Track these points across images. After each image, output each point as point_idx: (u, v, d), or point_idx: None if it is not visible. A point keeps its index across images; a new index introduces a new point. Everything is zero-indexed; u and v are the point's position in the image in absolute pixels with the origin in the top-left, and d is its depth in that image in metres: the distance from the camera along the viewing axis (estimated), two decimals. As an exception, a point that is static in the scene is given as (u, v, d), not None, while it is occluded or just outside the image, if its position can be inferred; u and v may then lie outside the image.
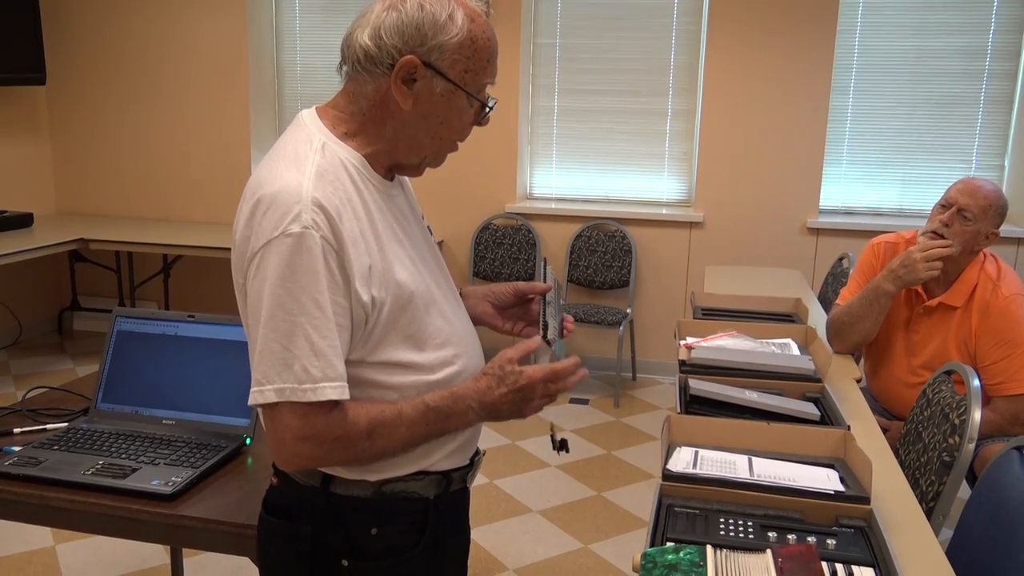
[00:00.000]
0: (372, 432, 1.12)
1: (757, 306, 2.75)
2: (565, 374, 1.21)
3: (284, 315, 1.07)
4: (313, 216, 1.07)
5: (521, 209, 4.75)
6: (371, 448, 1.14)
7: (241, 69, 4.89)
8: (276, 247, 1.07)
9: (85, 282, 5.33)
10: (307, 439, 1.09)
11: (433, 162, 1.24)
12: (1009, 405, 2.31)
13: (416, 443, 1.18)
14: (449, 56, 1.13)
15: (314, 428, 1.09)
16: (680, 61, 4.57)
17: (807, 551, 1.23)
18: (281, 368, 1.07)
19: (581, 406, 4.31)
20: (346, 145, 1.18)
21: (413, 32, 1.12)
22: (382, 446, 1.14)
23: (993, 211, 2.35)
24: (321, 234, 1.07)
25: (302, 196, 1.08)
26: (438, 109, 1.16)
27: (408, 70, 1.13)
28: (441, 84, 1.15)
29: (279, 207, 1.08)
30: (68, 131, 5.20)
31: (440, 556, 1.29)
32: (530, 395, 1.20)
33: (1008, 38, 4.22)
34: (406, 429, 1.15)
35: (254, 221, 1.10)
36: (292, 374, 1.07)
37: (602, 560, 2.88)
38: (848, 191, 4.53)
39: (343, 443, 1.11)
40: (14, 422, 1.86)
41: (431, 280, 1.25)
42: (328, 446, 1.11)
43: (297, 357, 1.07)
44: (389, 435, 1.14)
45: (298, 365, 1.07)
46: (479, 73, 1.17)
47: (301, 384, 1.07)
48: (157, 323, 1.87)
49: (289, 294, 1.07)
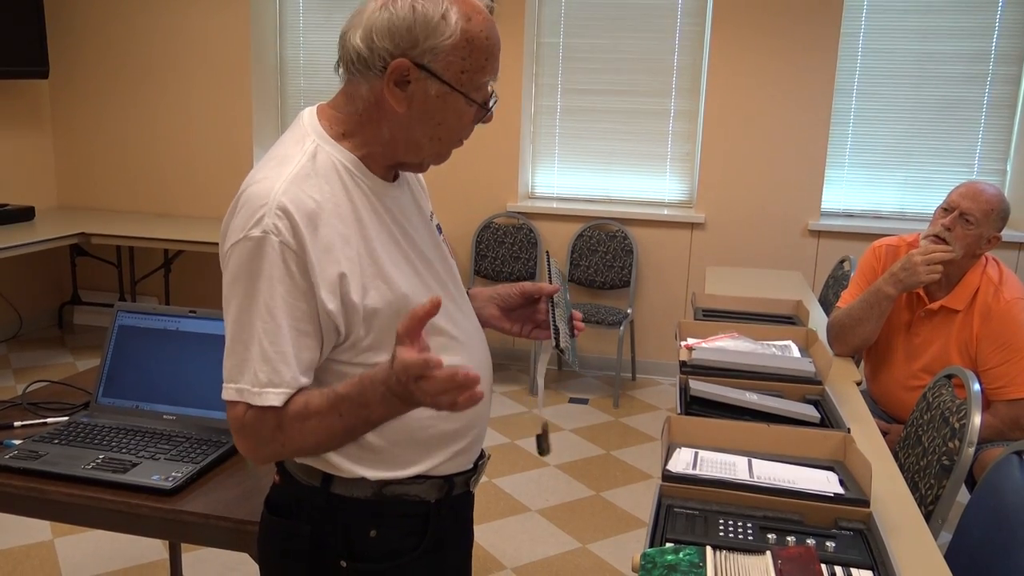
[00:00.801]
0: (281, 426, 1.10)
1: (758, 308, 2.75)
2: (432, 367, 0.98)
3: (243, 317, 1.10)
4: (275, 221, 1.07)
5: (523, 208, 4.75)
6: (288, 442, 1.10)
7: (244, 64, 4.89)
8: (238, 250, 1.09)
9: (86, 276, 5.33)
10: (237, 432, 1.13)
11: (436, 159, 1.21)
12: (1009, 409, 2.31)
13: (341, 433, 1.10)
14: (443, 58, 1.10)
15: (241, 423, 1.11)
16: (683, 62, 4.57)
17: (806, 553, 1.23)
18: (242, 368, 1.10)
19: (580, 406, 4.31)
20: (340, 146, 1.16)
21: (404, 34, 1.09)
22: (297, 440, 1.10)
23: (995, 215, 2.35)
24: (281, 239, 1.07)
25: (269, 200, 1.08)
26: (434, 111, 1.13)
27: (400, 73, 1.10)
28: (436, 86, 1.11)
29: (247, 209, 1.10)
30: (70, 125, 5.20)
31: (440, 560, 1.28)
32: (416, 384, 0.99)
33: (1012, 42, 4.22)
34: (317, 420, 1.08)
35: (229, 219, 1.12)
36: (251, 376, 1.10)
37: (600, 560, 2.88)
38: (850, 194, 4.53)
39: (259, 437, 1.11)
40: (15, 415, 1.86)
41: (435, 282, 1.23)
42: (250, 440, 1.12)
43: (249, 360, 1.10)
44: (299, 427, 1.09)
45: (250, 369, 1.10)
46: (477, 73, 1.13)
47: (252, 387, 1.10)
48: (158, 318, 1.88)
49: (247, 297, 1.09)
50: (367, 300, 1.13)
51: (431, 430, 1.21)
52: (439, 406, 1.00)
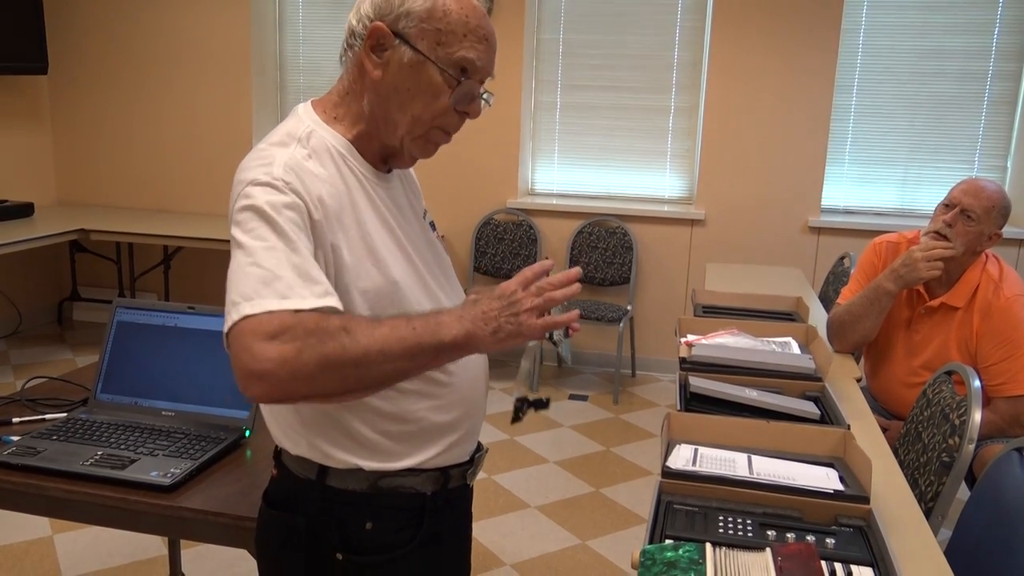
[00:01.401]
0: (347, 327, 1.00)
1: (758, 304, 2.75)
2: (537, 271, 1.11)
3: (260, 242, 1.04)
4: (283, 175, 1.09)
5: (522, 205, 4.74)
6: (353, 345, 0.99)
7: (244, 61, 4.88)
8: (247, 190, 1.08)
9: (85, 272, 5.32)
10: (276, 336, 0.98)
11: (415, 146, 1.19)
12: (1009, 406, 2.31)
13: (406, 351, 1.03)
14: (418, 24, 1.12)
15: (285, 324, 0.99)
16: (683, 58, 4.56)
17: (806, 550, 1.23)
18: (260, 286, 1.01)
19: (580, 402, 4.31)
20: (333, 130, 1.18)
21: (383, 1, 1.14)
22: (365, 343, 1.00)
23: (996, 212, 2.35)
24: (291, 187, 1.08)
25: (274, 161, 1.10)
26: (407, 80, 1.14)
27: (376, 37, 1.13)
28: (409, 54, 1.13)
29: (250, 170, 1.10)
30: (69, 121, 5.19)
31: (437, 553, 1.28)
32: (513, 299, 1.08)
33: (1012, 39, 4.21)
34: (389, 328, 1.02)
35: (232, 194, 1.12)
36: (274, 292, 1.01)
37: (600, 556, 2.88)
38: (850, 190, 4.53)
39: (318, 335, 0.99)
40: (13, 411, 1.85)
41: (428, 275, 1.24)
42: (303, 340, 0.98)
43: (279, 277, 1.02)
44: (368, 332, 1.01)
45: (280, 284, 1.01)
46: (452, 47, 1.13)
47: (286, 298, 1.00)
48: (157, 314, 1.87)
49: (265, 224, 1.05)
50: (359, 282, 1.13)
51: (424, 422, 1.21)
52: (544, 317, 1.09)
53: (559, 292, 1.09)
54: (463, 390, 1.26)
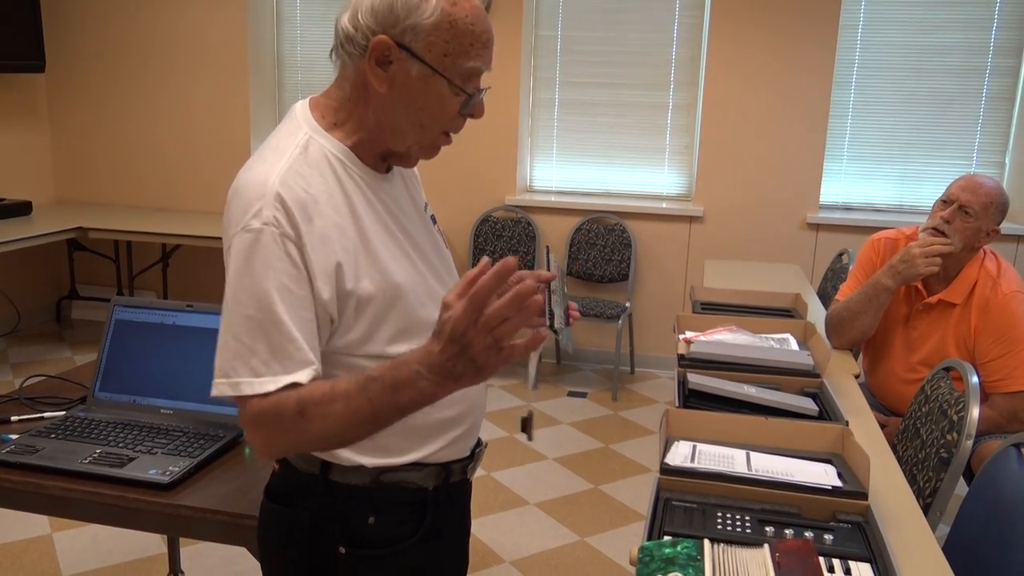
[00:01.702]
0: (303, 411, 1.05)
1: (756, 301, 2.75)
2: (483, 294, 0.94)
3: (240, 309, 1.08)
4: (274, 213, 1.07)
5: (521, 202, 4.74)
6: (309, 428, 1.05)
7: (241, 58, 4.87)
8: (236, 242, 1.08)
9: (83, 271, 5.32)
10: (252, 424, 1.08)
11: (423, 152, 1.20)
12: (1007, 402, 2.31)
13: (367, 420, 1.05)
14: (424, 38, 1.10)
15: (255, 411, 1.07)
16: (681, 55, 4.56)
17: (804, 546, 1.23)
18: (236, 362, 1.08)
19: (579, 399, 4.32)
20: (332, 137, 1.17)
21: (386, 12, 1.10)
22: (319, 426, 1.05)
23: (994, 208, 2.35)
24: (281, 231, 1.07)
25: (265, 192, 1.08)
26: (416, 94, 1.13)
27: (381, 51, 1.11)
28: (417, 67, 1.11)
29: (243, 200, 1.09)
30: (67, 119, 5.19)
31: (437, 547, 1.28)
32: (465, 341, 0.96)
33: (1010, 34, 4.21)
34: (342, 404, 1.04)
35: (226, 212, 1.12)
36: (248, 368, 1.07)
37: (599, 553, 2.89)
38: (848, 187, 4.53)
39: (279, 425, 1.06)
40: (12, 410, 1.85)
41: (429, 273, 1.24)
42: (267, 430, 1.07)
43: (254, 352, 1.07)
44: (324, 413, 1.04)
45: (256, 360, 1.07)
46: (460, 57, 1.12)
47: (258, 377, 1.07)
48: (156, 312, 1.87)
49: (245, 289, 1.08)
50: (360, 289, 1.13)
51: (428, 417, 1.22)
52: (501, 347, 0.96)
53: (508, 324, 0.95)
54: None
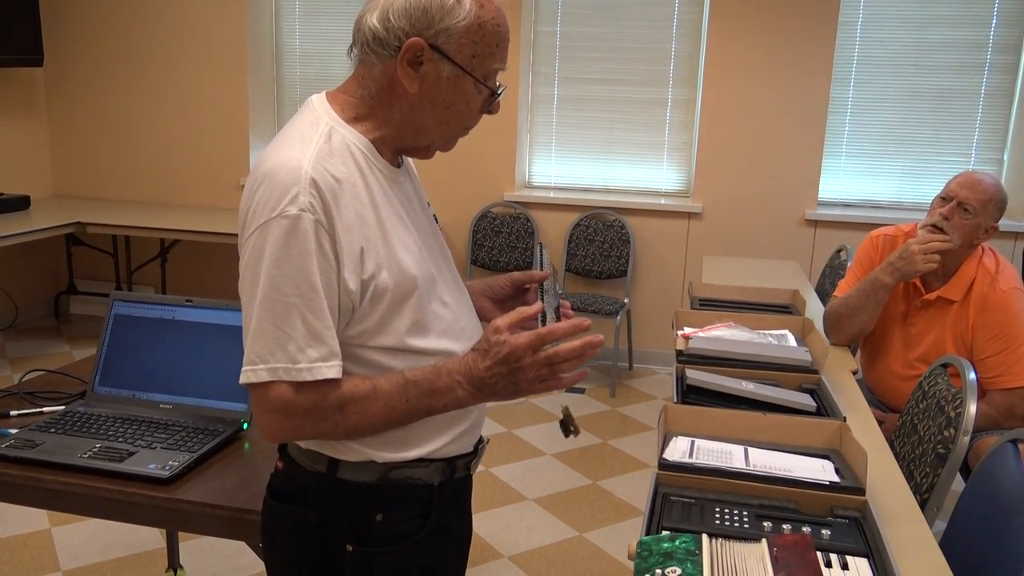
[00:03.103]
0: (343, 406, 1.11)
1: (755, 297, 2.76)
2: (556, 336, 1.11)
3: (279, 296, 1.08)
4: (310, 199, 1.08)
5: (520, 198, 4.74)
6: (344, 422, 1.12)
7: (240, 52, 4.86)
8: (273, 228, 1.08)
9: (82, 266, 5.32)
10: (278, 412, 1.10)
11: (443, 146, 1.24)
12: (1004, 398, 2.32)
13: (399, 419, 1.14)
14: (456, 40, 1.13)
15: (285, 401, 1.09)
16: (681, 50, 4.56)
17: (802, 541, 1.24)
18: (274, 348, 1.08)
19: (577, 395, 4.32)
20: (354, 129, 1.18)
21: (420, 15, 1.12)
22: (355, 421, 1.12)
23: (993, 205, 2.35)
24: (316, 217, 1.08)
25: (300, 177, 1.09)
26: (444, 93, 1.16)
27: (414, 52, 1.13)
28: (448, 68, 1.14)
29: (278, 186, 1.09)
30: (66, 114, 5.18)
31: (443, 543, 1.29)
32: (517, 365, 1.10)
33: (1009, 31, 4.21)
34: (382, 403, 1.12)
35: (254, 198, 1.11)
36: (285, 354, 1.08)
37: (597, 548, 2.89)
38: (847, 183, 4.53)
39: (314, 416, 1.11)
40: (11, 404, 1.86)
41: (434, 268, 1.24)
42: (299, 419, 1.11)
43: (292, 338, 1.08)
44: (362, 409, 1.12)
45: (292, 346, 1.08)
46: (487, 59, 1.16)
47: (295, 364, 1.08)
48: (155, 307, 1.87)
49: (284, 276, 1.08)
50: (379, 279, 1.14)
51: None
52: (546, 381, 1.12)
53: (569, 376, 1.13)
54: None
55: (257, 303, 1.09)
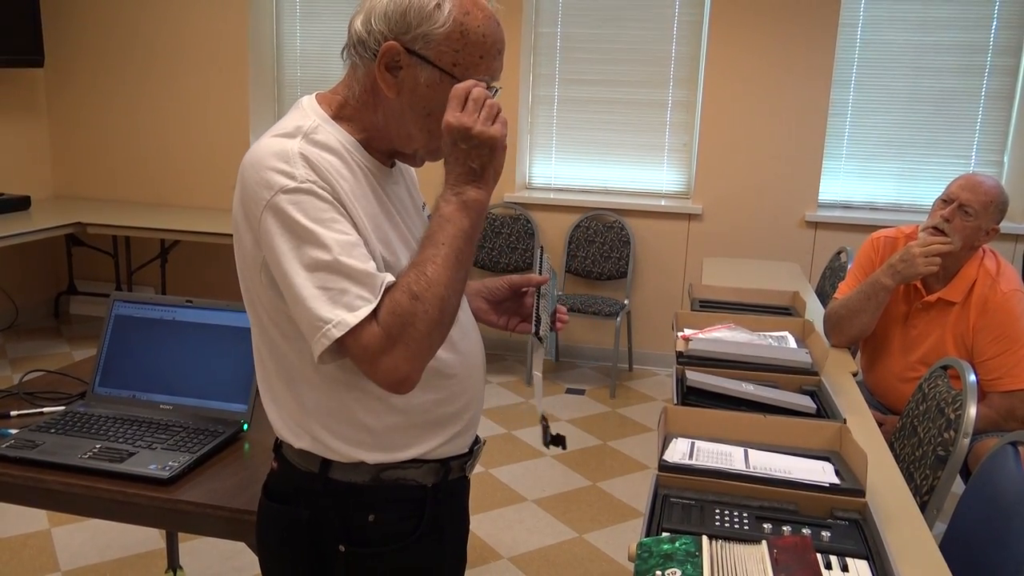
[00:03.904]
0: (413, 294, 1.06)
1: (755, 299, 2.76)
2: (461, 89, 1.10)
3: (311, 262, 1.06)
4: (304, 172, 1.08)
5: (520, 199, 4.74)
6: (430, 306, 1.06)
7: (241, 53, 4.87)
8: (277, 205, 1.07)
9: (82, 266, 5.31)
10: (378, 353, 1.06)
11: (429, 156, 1.21)
12: (1005, 400, 2.32)
13: (459, 267, 1.10)
14: (435, 46, 1.11)
15: (378, 337, 1.05)
16: (681, 52, 4.56)
17: (802, 543, 1.24)
18: (331, 306, 1.06)
19: (577, 396, 4.32)
20: (340, 127, 1.18)
21: (399, 19, 1.11)
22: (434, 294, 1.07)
23: (994, 207, 2.35)
24: (318, 184, 1.09)
25: (290, 156, 1.09)
26: (424, 100, 1.14)
27: (391, 56, 1.12)
28: (426, 74, 1.13)
29: (266, 167, 1.09)
30: (66, 114, 5.18)
31: (437, 544, 1.29)
32: (462, 127, 1.09)
33: (1009, 34, 4.21)
34: (432, 266, 1.08)
35: (246, 186, 1.11)
36: (344, 307, 1.06)
37: (597, 550, 2.89)
38: (847, 185, 4.53)
39: (404, 326, 1.06)
40: (11, 405, 1.85)
41: None
42: (400, 340, 1.06)
43: (344, 291, 1.06)
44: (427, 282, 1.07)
45: (347, 297, 1.06)
46: (470, 68, 1.13)
47: (355, 311, 1.05)
48: (155, 308, 1.87)
49: (308, 243, 1.07)
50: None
51: (428, 414, 1.22)
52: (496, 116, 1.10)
53: (477, 91, 1.10)
54: (465, 382, 1.26)
55: (294, 278, 1.07)
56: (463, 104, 1.09)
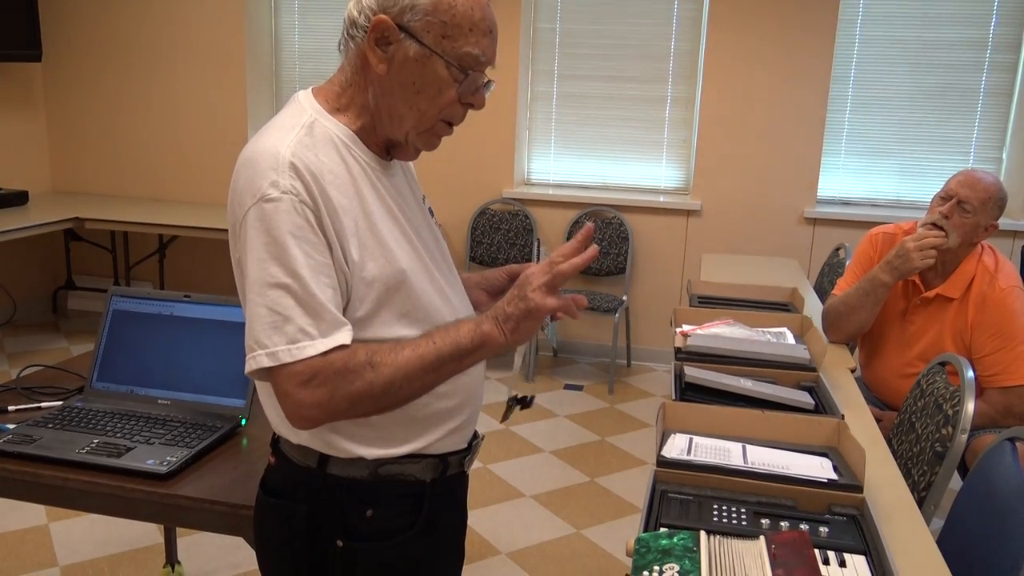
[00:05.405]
0: (371, 360, 1.08)
1: (753, 295, 2.76)
2: (564, 253, 1.15)
3: (268, 279, 1.07)
4: (290, 181, 1.08)
5: (518, 195, 4.74)
6: (378, 378, 1.08)
7: (238, 48, 4.86)
8: (256, 213, 1.08)
9: (80, 261, 5.31)
10: (309, 382, 1.06)
11: (421, 140, 1.20)
12: (1002, 397, 2.32)
13: (430, 367, 1.11)
14: (422, 18, 1.12)
15: (313, 369, 1.07)
16: (680, 48, 4.55)
17: (800, 538, 1.24)
18: (271, 332, 1.07)
19: (575, 392, 4.32)
20: (336, 120, 1.18)
21: None
22: (388, 374, 1.09)
23: (992, 203, 2.35)
24: (299, 198, 1.08)
25: (279, 162, 1.09)
26: (412, 75, 1.14)
27: (381, 30, 1.12)
28: (415, 48, 1.13)
29: (256, 172, 1.09)
30: (64, 109, 5.17)
31: (435, 540, 1.29)
32: (526, 284, 1.13)
33: (1009, 30, 4.21)
34: (410, 350, 1.10)
35: (236, 187, 1.12)
36: (283, 336, 1.07)
37: (595, 545, 2.90)
38: (846, 181, 4.53)
39: (346, 376, 1.07)
40: (9, 400, 1.85)
41: (429, 260, 1.24)
42: (332, 383, 1.07)
43: (289, 319, 1.07)
44: (391, 360, 1.09)
45: (291, 327, 1.07)
46: (458, 41, 1.13)
47: (296, 343, 1.07)
48: (153, 303, 1.87)
49: (272, 259, 1.07)
50: (365, 271, 1.14)
51: (427, 408, 1.22)
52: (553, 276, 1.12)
53: (566, 265, 1.13)
54: (464, 377, 1.26)
55: (249, 288, 1.09)
56: (552, 277, 1.13)
